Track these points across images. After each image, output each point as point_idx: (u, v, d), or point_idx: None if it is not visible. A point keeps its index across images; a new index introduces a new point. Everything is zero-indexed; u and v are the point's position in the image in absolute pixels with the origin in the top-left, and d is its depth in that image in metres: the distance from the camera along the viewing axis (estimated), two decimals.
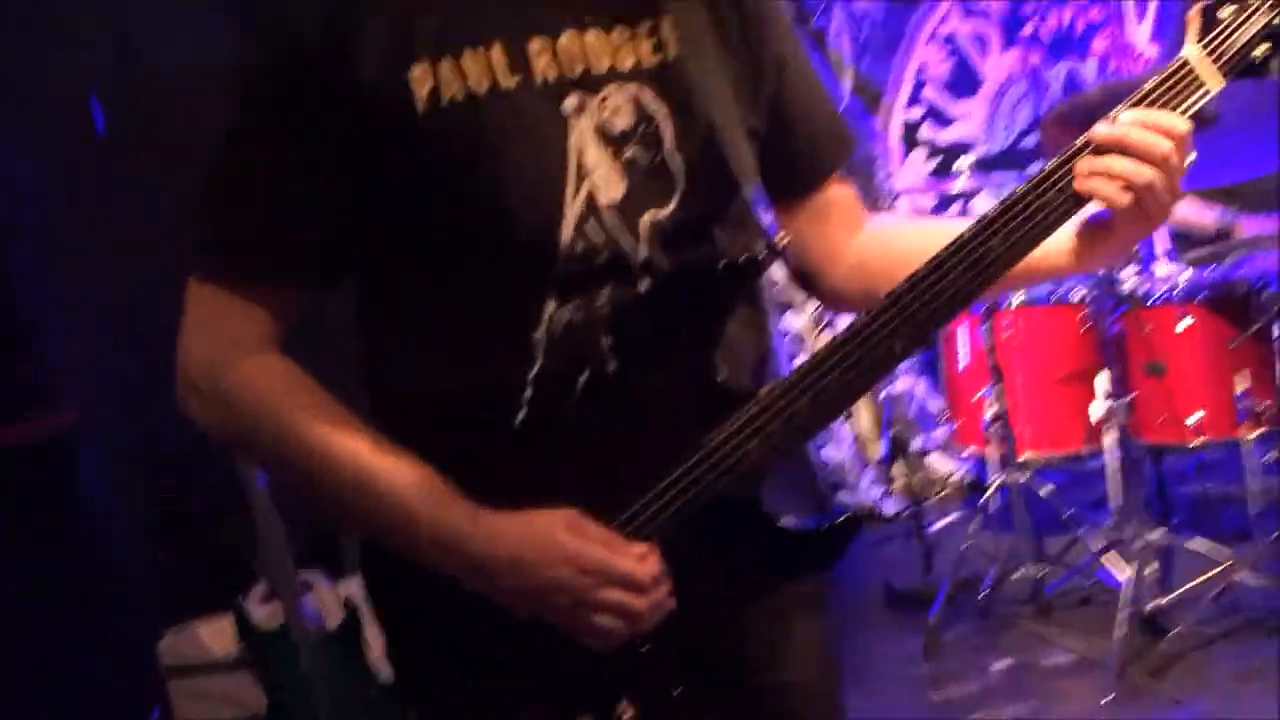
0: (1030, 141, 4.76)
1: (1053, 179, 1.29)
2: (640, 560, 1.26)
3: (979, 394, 3.64)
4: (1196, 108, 1.27)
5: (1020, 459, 3.62)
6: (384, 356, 1.39)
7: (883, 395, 4.35)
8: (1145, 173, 1.26)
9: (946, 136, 4.75)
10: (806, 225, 1.48)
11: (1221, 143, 3.11)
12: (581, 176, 1.27)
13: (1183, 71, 1.28)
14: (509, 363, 1.29)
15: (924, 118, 4.71)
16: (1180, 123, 1.27)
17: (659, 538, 1.29)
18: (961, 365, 3.81)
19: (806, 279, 1.53)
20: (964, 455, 3.86)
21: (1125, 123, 1.27)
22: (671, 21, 1.32)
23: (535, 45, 1.27)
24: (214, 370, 1.31)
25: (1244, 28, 1.28)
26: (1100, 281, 3.44)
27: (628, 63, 1.30)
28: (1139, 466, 3.52)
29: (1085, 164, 1.28)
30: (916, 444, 4.59)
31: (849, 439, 4.52)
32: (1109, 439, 3.43)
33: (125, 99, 3.53)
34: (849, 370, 1.28)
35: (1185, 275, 3.40)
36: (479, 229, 1.26)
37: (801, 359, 1.31)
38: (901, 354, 1.29)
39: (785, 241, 1.32)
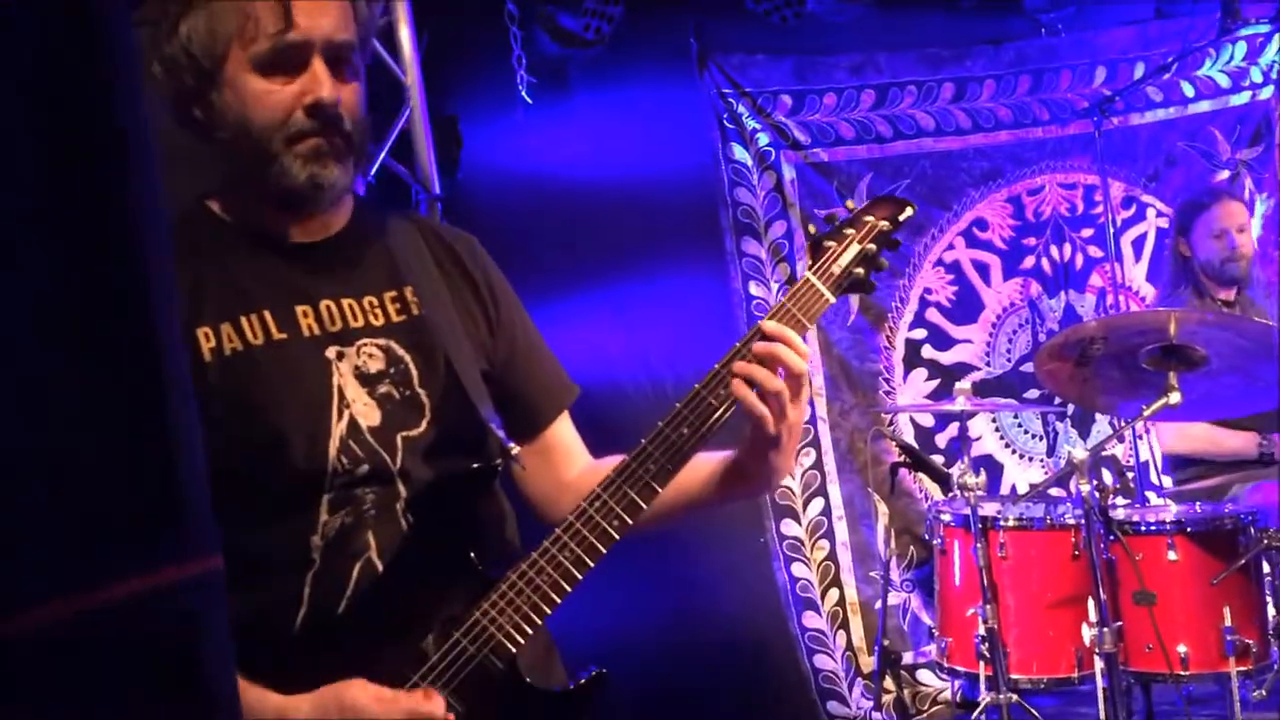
0: (1028, 368, 4.90)
1: (718, 378, 1.60)
2: (426, 698, 1.49)
3: (971, 611, 3.68)
4: (820, 313, 1.64)
5: (1010, 679, 3.65)
6: None
7: (877, 606, 4.38)
8: (776, 382, 1.57)
9: (947, 358, 4.91)
10: (534, 461, 1.76)
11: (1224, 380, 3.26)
12: (344, 407, 1.58)
13: (806, 288, 1.64)
14: (291, 567, 1.55)
15: (926, 339, 4.87)
16: (799, 344, 1.58)
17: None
18: (955, 582, 3.86)
19: (536, 508, 1.82)
20: (954, 672, 3.86)
21: (767, 342, 1.58)
22: (412, 289, 1.66)
23: (299, 310, 1.60)
24: None
25: (840, 256, 1.66)
26: (1092, 509, 3.53)
27: (378, 321, 1.63)
28: (1128, 694, 3.54)
29: (739, 367, 1.59)
30: (908, 658, 4.60)
31: (841, 649, 4.54)
32: (1098, 665, 3.46)
33: None
34: (577, 547, 1.57)
35: (1176, 507, 3.50)
36: (262, 453, 1.53)
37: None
38: (619, 531, 1.57)
39: (517, 451, 1.64)
